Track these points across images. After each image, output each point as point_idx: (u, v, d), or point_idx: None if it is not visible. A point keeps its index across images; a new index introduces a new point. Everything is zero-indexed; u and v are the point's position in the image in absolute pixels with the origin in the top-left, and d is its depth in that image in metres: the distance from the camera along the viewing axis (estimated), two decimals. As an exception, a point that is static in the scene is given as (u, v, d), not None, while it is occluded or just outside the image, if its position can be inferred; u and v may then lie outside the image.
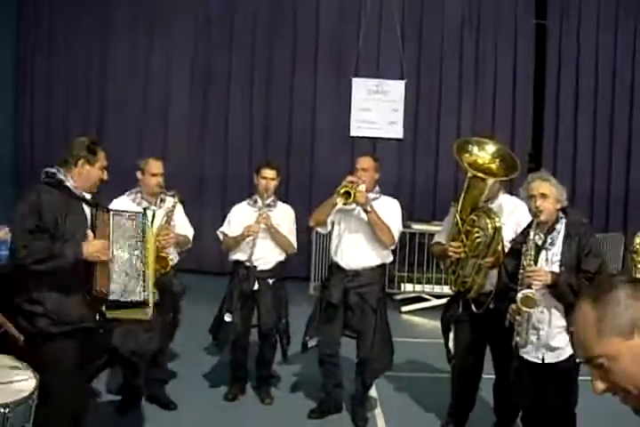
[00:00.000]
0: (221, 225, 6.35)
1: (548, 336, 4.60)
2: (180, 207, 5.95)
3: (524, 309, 4.50)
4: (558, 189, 4.66)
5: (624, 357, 1.81)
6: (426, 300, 10.30)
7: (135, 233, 4.09)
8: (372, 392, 6.31)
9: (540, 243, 4.62)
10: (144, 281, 4.06)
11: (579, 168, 12.46)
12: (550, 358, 4.62)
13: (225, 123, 12.25)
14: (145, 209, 4.38)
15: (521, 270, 4.56)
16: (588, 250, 4.54)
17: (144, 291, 4.05)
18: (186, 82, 12.23)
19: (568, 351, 4.53)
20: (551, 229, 4.65)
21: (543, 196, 4.60)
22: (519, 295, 4.51)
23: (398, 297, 10.55)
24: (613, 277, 1.99)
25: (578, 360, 4.31)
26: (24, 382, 3.52)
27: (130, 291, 4.03)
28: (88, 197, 4.23)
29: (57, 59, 12.15)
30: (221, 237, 6.23)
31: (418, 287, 10.47)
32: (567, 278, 4.46)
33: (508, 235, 5.09)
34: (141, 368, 5.72)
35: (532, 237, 4.56)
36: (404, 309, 10.10)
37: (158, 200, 5.81)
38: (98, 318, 4.17)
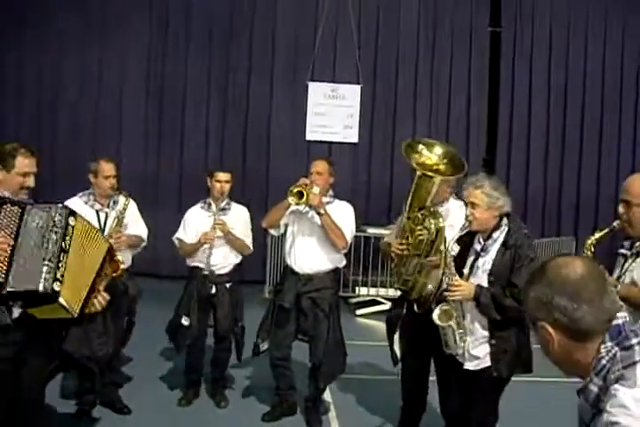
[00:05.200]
0: (176, 229, 6.33)
1: (471, 345, 4.51)
2: (134, 206, 5.94)
3: (439, 323, 4.51)
4: (492, 196, 4.43)
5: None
6: (380, 303, 10.34)
7: (50, 223, 3.81)
8: (327, 395, 6.34)
9: (479, 249, 4.53)
10: (53, 272, 3.72)
11: (532, 173, 12.66)
12: (470, 366, 4.53)
13: (181, 126, 12.21)
14: (66, 207, 3.97)
15: (446, 281, 4.50)
16: (521, 263, 4.34)
17: (50, 282, 3.70)
18: (141, 87, 12.15)
19: (486, 362, 4.45)
20: (488, 237, 4.50)
21: (472, 205, 4.45)
22: (436, 311, 4.51)
23: (353, 300, 10.60)
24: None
25: (495, 374, 4.38)
26: None
27: (29, 280, 3.69)
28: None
29: (9, 64, 11.91)
30: (177, 242, 6.23)
31: (372, 291, 10.53)
32: (490, 293, 4.35)
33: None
34: (97, 373, 5.69)
35: (454, 246, 4.53)
36: (359, 312, 10.15)
37: (111, 202, 5.78)
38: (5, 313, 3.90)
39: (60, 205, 3.98)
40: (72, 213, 3.96)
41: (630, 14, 12.67)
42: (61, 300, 3.77)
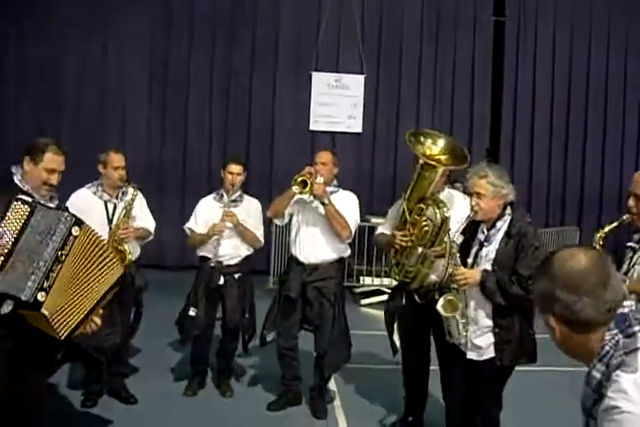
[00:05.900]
0: (181, 220, 6.34)
1: (474, 334, 4.49)
2: (142, 198, 5.94)
3: (444, 314, 4.49)
4: (497, 184, 4.40)
5: None
6: (385, 293, 10.35)
7: (51, 230, 3.77)
8: (332, 385, 6.36)
9: (482, 239, 4.51)
10: (40, 281, 3.67)
11: (535, 163, 12.66)
12: (473, 355, 4.52)
13: (184, 118, 12.19)
14: (74, 216, 3.92)
15: (449, 270, 4.50)
16: (526, 252, 4.32)
17: (33, 290, 3.64)
18: (144, 78, 12.09)
19: (490, 353, 4.44)
20: (491, 227, 4.48)
21: (478, 195, 4.41)
22: (441, 301, 4.50)
23: (357, 290, 10.62)
24: None
25: (498, 364, 4.36)
26: None
27: (14, 284, 3.64)
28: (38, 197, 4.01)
29: (10, 63, 11.85)
30: (188, 232, 6.21)
31: (377, 281, 10.56)
32: (495, 278, 4.33)
33: (454, 227, 4.86)
34: (104, 364, 5.73)
35: (459, 237, 4.47)
36: (364, 302, 10.19)
37: (120, 193, 5.79)
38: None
39: (67, 213, 3.93)
40: (78, 222, 3.89)
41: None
42: (44, 311, 3.69)
